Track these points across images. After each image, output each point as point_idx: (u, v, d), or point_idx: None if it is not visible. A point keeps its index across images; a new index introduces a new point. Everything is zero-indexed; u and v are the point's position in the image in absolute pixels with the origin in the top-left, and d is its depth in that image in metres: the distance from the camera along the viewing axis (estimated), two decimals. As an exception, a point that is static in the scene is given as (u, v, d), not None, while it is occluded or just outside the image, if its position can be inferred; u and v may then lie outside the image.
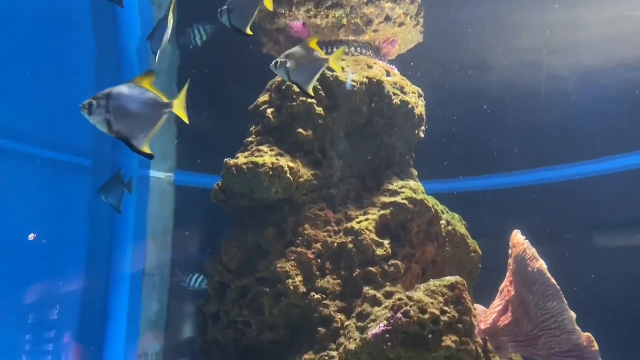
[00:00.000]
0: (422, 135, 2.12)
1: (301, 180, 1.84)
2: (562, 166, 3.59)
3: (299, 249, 1.82)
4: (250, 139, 1.93)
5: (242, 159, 1.80)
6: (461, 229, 2.04)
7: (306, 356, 1.71)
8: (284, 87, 1.96)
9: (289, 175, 1.79)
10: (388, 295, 1.70)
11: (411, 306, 1.54)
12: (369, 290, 1.73)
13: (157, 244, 3.57)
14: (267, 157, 1.79)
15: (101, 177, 3.62)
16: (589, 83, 2.95)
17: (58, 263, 2.92)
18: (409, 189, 1.89)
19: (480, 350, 1.58)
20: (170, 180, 3.83)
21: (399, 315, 1.54)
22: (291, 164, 1.81)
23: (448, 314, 1.54)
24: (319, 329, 1.73)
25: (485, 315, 1.64)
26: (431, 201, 1.92)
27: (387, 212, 1.86)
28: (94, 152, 3.56)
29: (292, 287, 1.76)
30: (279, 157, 1.81)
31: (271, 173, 1.78)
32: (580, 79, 2.97)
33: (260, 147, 1.84)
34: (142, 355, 3.35)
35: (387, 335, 1.54)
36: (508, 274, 1.61)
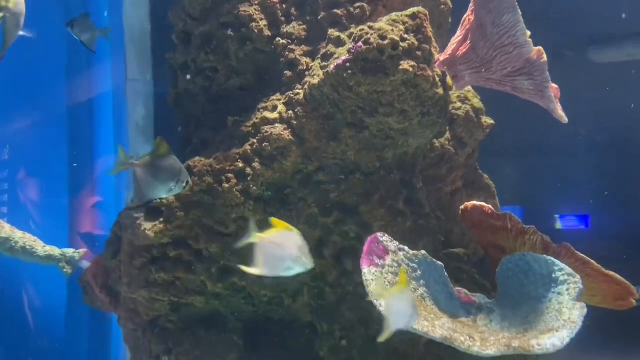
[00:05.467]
0: None
1: None
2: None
3: (263, -6, 1.79)
4: None
5: None
6: (431, -23, 1.99)
7: (273, 97, 1.78)
8: None
9: None
10: (352, 36, 1.71)
11: (371, 34, 1.56)
12: (333, 32, 1.74)
13: (135, 47, 3.47)
14: None
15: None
16: None
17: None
18: None
19: (438, 79, 1.65)
20: (141, -24, 3.57)
21: (360, 43, 1.57)
22: None
23: (407, 41, 1.57)
24: (285, 72, 1.78)
25: (445, 49, 1.67)
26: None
27: (354, -48, 1.79)
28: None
29: (256, 31, 1.77)
30: None
31: None
32: None
33: None
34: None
35: (348, 64, 1.58)
36: (471, 4, 1.60)
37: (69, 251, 2.16)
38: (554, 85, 1.57)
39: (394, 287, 1.21)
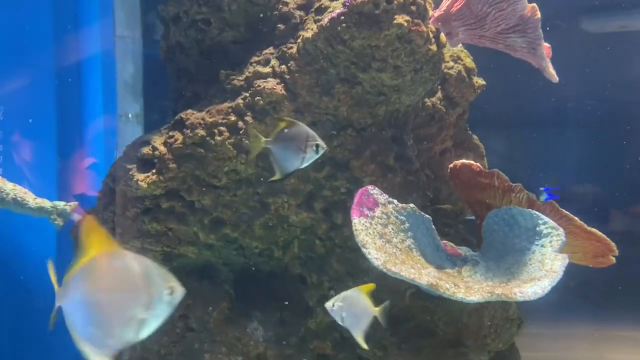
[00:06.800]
0: None
1: None
2: None
3: (257, -55, 1.76)
4: None
5: None
6: None
7: (266, 51, 1.77)
8: None
9: None
10: (347, -10, 1.69)
11: (366, -13, 1.55)
12: (328, -15, 1.73)
13: (124, 3, 3.39)
14: None
15: None
16: None
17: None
18: None
19: (431, 35, 1.65)
20: None
21: (355, -4, 1.56)
22: None
23: (402, -5, 1.57)
24: (279, 25, 1.76)
25: (439, 5, 1.67)
26: None
27: None
28: None
29: (250, -18, 1.76)
30: None
31: None
32: None
33: None
34: (123, 116, 3.42)
35: (342, 17, 1.58)
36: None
37: (60, 204, 2.17)
38: (546, 44, 1.58)
39: None
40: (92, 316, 0.89)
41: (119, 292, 0.90)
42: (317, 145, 1.38)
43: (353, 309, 1.37)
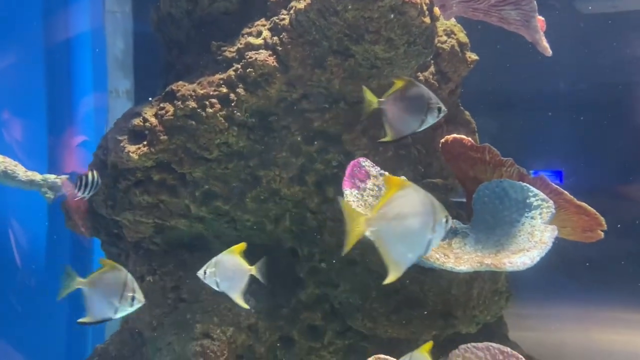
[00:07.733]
0: None
1: None
2: None
3: None
4: None
5: None
6: None
7: (258, 22, 1.75)
8: None
9: None
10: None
11: (360, -43, 1.53)
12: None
13: (111, -26, 3.31)
14: None
15: None
16: None
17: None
18: None
19: (425, 8, 1.64)
20: None
21: (348, -33, 1.54)
22: None
23: (396, -34, 1.55)
24: (271, -4, 1.75)
25: (434, -23, 1.66)
26: None
27: None
28: None
29: (242, -48, 1.73)
30: None
31: None
32: None
33: None
34: (113, 92, 3.38)
35: (335, -12, 1.56)
36: None
37: (51, 177, 2.16)
38: (540, 17, 1.57)
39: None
40: (400, 236, 1.10)
41: (417, 217, 1.11)
42: (440, 108, 1.32)
43: (226, 272, 1.39)
